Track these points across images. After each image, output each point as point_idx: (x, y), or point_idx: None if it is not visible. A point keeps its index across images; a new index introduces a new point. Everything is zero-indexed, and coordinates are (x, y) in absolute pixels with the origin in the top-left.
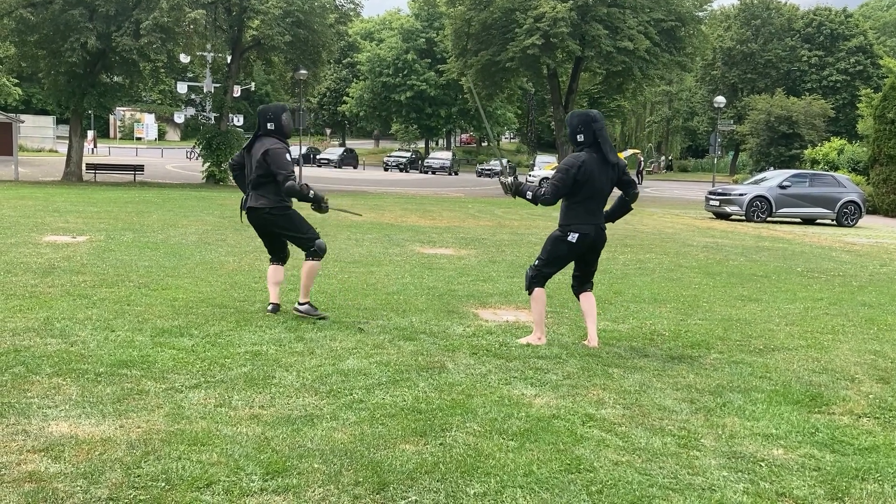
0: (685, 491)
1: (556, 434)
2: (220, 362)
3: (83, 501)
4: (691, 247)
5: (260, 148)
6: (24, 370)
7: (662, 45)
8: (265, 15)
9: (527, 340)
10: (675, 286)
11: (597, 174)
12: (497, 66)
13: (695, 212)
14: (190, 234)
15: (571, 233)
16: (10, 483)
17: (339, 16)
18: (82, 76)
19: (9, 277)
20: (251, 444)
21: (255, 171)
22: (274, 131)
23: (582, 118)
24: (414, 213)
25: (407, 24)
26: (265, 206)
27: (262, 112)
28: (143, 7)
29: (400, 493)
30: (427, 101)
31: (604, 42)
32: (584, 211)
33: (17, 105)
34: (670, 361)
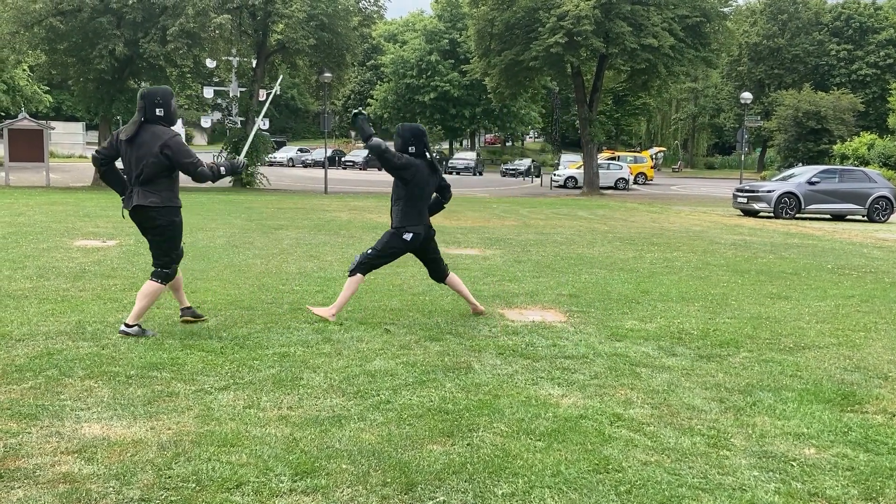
0: (715, 491)
1: (584, 434)
2: (249, 364)
3: (116, 502)
4: (719, 244)
5: (152, 139)
6: (58, 373)
7: (687, 41)
8: (289, 19)
9: (321, 313)
10: (703, 284)
11: (427, 180)
12: (521, 66)
13: (722, 209)
14: (218, 237)
15: (407, 232)
16: (45, 484)
17: (363, 18)
18: (111, 82)
19: (41, 282)
20: (280, 444)
21: (148, 167)
22: (163, 118)
23: (413, 131)
24: (438, 214)
25: (430, 25)
26: (158, 204)
27: (149, 95)
28: (169, 13)
29: (428, 493)
30: (451, 102)
31: (628, 39)
32: (417, 213)
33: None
34: (699, 360)
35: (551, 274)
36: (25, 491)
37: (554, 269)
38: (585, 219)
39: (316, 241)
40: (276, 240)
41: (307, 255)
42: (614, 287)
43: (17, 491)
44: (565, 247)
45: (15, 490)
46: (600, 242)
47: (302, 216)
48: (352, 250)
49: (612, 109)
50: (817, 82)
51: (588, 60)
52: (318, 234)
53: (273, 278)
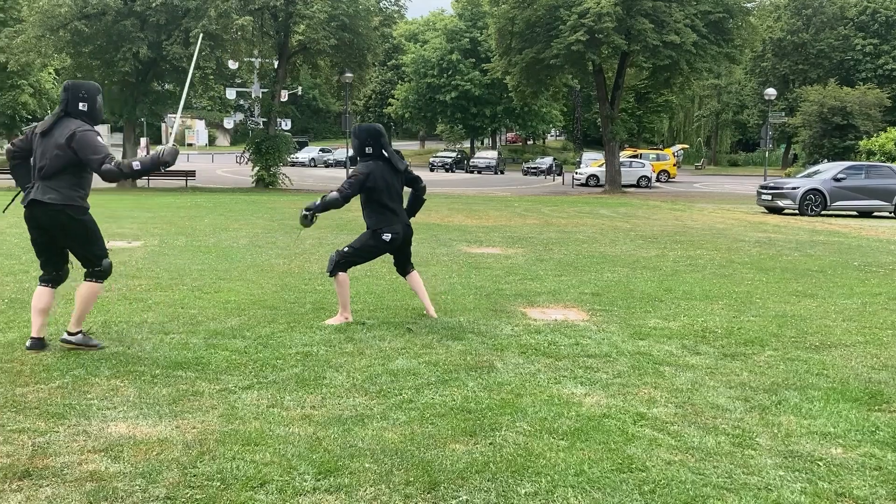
0: (740, 491)
1: (607, 433)
2: (272, 363)
3: (142, 500)
4: (743, 242)
5: (62, 131)
6: (84, 372)
7: (710, 37)
8: (310, 19)
9: (334, 321)
10: (727, 282)
11: (389, 180)
12: (542, 64)
13: (746, 206)
14: (241, 237)
15: (385, 233)
16: (73, 482)
17: (384, 18)
18: (135, 85)
19: (68, 283)
20: (303, 443)
21: (52, 160)
22: (85, 113)
23: (370, 132)
24: (460, 213)
25: (451, 24)
26: (57, 202)
27: (73, 88)
28: (192, 16)
29: (451, 492)
30: (472, 101)
31: (650, 36)
32: (392, 213)
33: None
34: (723, 359)
35: (573, 272)
36: (54, 489)
37: (576, 267)
38: (608, 217)
39: (338, 241)
40: (298, 240)
41: (329, 254)
42: (637, 285)
43: (46, 489)
44: (587, 245)
45: (43, 488)
46: (623, 241)
47: (324, 216)
48: None
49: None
50: (843, 77)
51: (609, 58)
52: (340, 234)
53: (295, 278)
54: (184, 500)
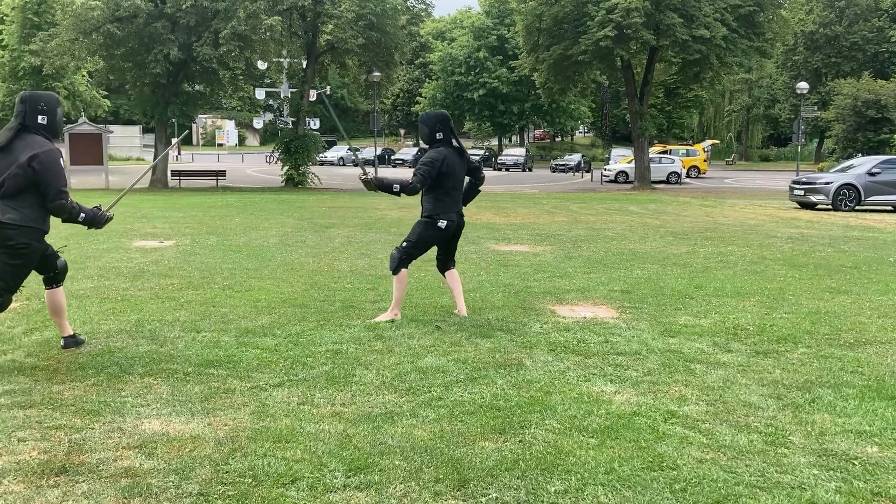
0: (773, 489)
1: (638, 431)
2: (303, 361)
3: (175, 496)
4: (775, 238)
5: (24, 149)
6: (118, 370)
7: (740, 31)
8: (338, 19)
9: (384, 318)
10: (758, 279)
11: (456, 167)
12: (569, 60)
13: (778, 202)
14: (271, 236)
15: (441, 220)
16: (108, 478)
17: (411, 17)
18: (166, 86)
19: (102, 282)
20: (334, 441)
21: (12, 179)
22: (45, 127)
23: (439, 118)
24: (488, 211)
25: (478, 21)
26: (13, 222)
27: (31, 100)
28: (221, 17)
29: (480, 490)
30: (499, 98)
31: (679, 31)
32: (451, 201)
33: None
34: (755, 356)
35: (603, 270)
36: (90, 485)
37: (605, 264)
38: (637, 214)
39: (367, 239)
40: (327, 238)
41: (358, 252)
42: (667, 282)
43: (82, 485)
44: (617, 242)
45: (80, 484)
46: (652, 237)
47: (352, 214)
48: None
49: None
50: (877, 70)
51: (638, 53)
52: (369, 233)
53: (325, 276)
54: (216, 497)
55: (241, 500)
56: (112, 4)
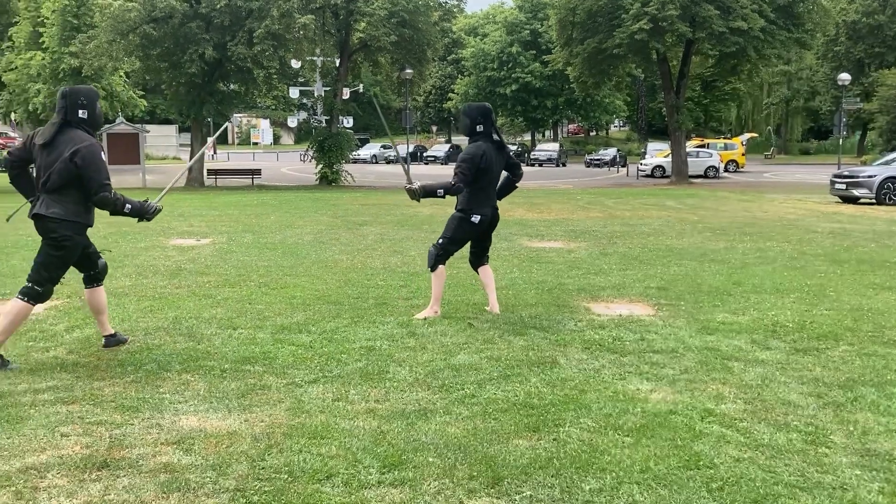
0: (813, 490)
1: (674, 430)
2: (337, 358)
3: (212, 492)
4: (816, 233)
5: (66, 143)
6: (156, 367)
7: (779, 22)
8: (371, 17)
9: (424, 315)
10: (798, 275)
11: (494, 162)
12: (604, 54)
13: (819, 196)
14: (305, 234)
15: (474, 215)
16: (147, 473)
17: (443, 13)
18: (201, 86)
19: (140, 280)
20: (368, 437)
21: (55, 173)
22: (85, 121)
23: (481, 110)
24: (521, 207)
25: (511, 16)
26: (56, 216)
27: (71, 94)
28: (255, 16)
29: (514, 487)
30: (533, 93)
31: (716, 23)
32: (485, 195)
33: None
34: (795, 354)
35: (639, 266)
36: (130, 479)
37: (641, 261)
38: (674, 209)
39: (399, 237)
40: (360, 236)
41: (391, 250)
42: (705, 279)
43: (123, 479)
44: (653, 238)
45: (120, 478)
46: (690, 233)
47: (385, 212)
48: None
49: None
50: None
51: (674, 46)
52: (402, 230)
53: (358, 273)
54: (253, 492)
55: (278, 496)
56: (148, 5)
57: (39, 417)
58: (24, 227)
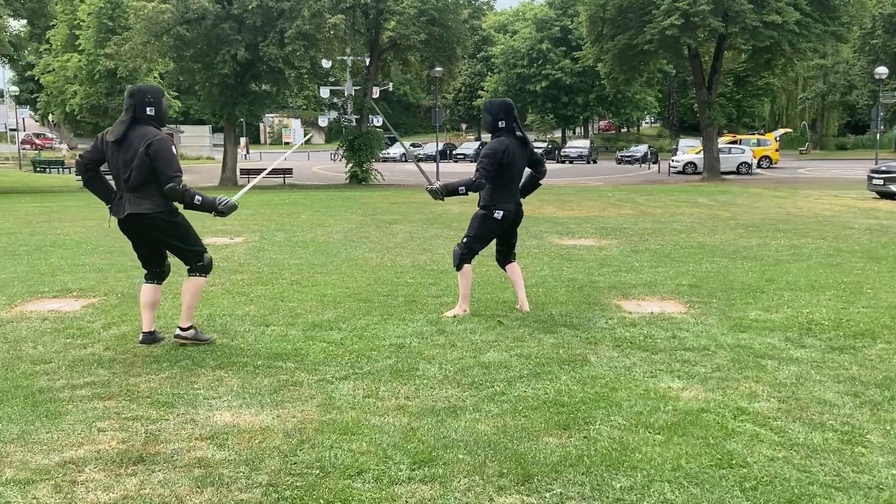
0: (849, 490)
1: (706, 428)
2: (367, 354)
3: (246, 487)
4: (852, 230)
5: (139, 139)
6: (191, 363)
7: (814, 15)
8: (401, 15)
9: (453, 313)
10: (834, 272)
11: (516, 156)
12: (635, 50)
13: (855, 192)
14: (336, 232)
15: (497, 211)
16: (182, 468)
17: (473, 11)
18: (233, 86)
19: (174, 277)
20: (398, 433)
21: (135, 169)
22: (153, 118)
23: (502, 106)
24: (551, 204)
25: (540, 13)
26: (150, 210)
27: (138, 93)
28: (286, 17)
29: (544, 485)
30: (563, 90)
31: (749, 17)
32: (507, 191)
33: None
34: (830, 352)
35: (670, 263)
36: (165, 474)
37: (673, 258)
38: (706, 205)
39: (428, 235)
40: (390, 234)
41: (420, 248)
42: (737, 276)
43: (158, 474)
44: (685, 235)
45: (156, 473)
46: (722, 230)
47: (414, 210)
48: None
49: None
50: None
51: (706, 41)
52: (431, 228)
53: (388, 271)
54: (285, 487)
55: (309, 491)
56: (181, 7)
57: (77, 413)
58: (61, 226)
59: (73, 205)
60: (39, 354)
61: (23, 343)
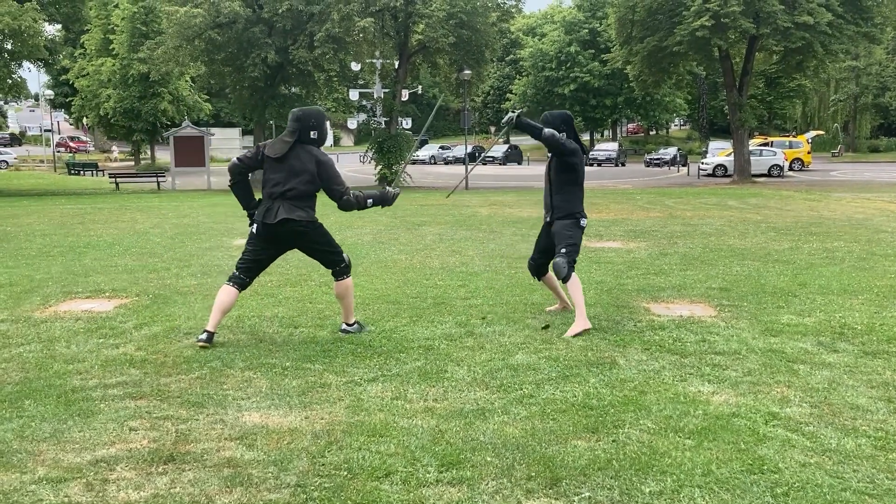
0: (884, 497)
1: (737, 433)
2: (396, 356)
3: (274, 487)
4: (886, 233)
5: (306, 158)
6: (220, 364)
7: (846, 16)
8: (430, 18)
9: (575, 331)
10: (867, 276)
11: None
12: (664, 52)
13: (889, 195)
14: (365, 234)
15: (583, 218)
16: (212, 468)
17: (501, 14)
18: (263, 89)
19: (205, 279)
20: (426, 436)
21: (300, 183)
22: (316, 140)
23: (562, 117)
24: None
25: (569, 16)
26: (304, 219)
27: (303, 117)
28: (315, 20)
29: (573, 488)
30: (591, 93)
31: (780, 18)
32: (581, 199)
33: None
34: (864, 357)
35: (700, 266)
36: (195, 473)
37: (702, 261)
38: (736, 208)
39: (457, 237)
40: (419, 236)
41: (449, 250)
42: (769, 280)
43: (188, 473)
44: (715, 238)
45: (186, 472)
46: (753, 233)
47: (443, 212)
48: (492, 245)
49: (764, 92)
50: None
51: (737, 43)
52: (460, 230)
53: (417, 273)
54: (313, 489)
55: (337, 493)
56: (213, 11)
57: (109, 412)
58: (94, 227)
59: (106, 207)
60: (72, 354)
61: (56, 343)
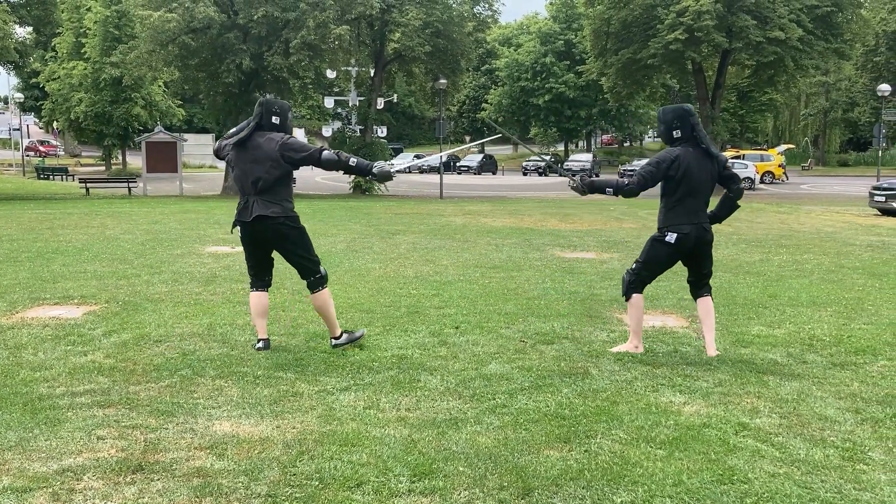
0: None
1: (707, 443)
2: (368, 365)
3: (245, 497)
4: (854, 246)
5: (268, 143)
6: (191, 372)
7: (817, 32)
8: (405, 27)
9: (623, 349)
10: (836, 288)
11: (695, 170)
12: (638, 64)
13: (857, 209)
14: (339, 242)
15: (669, 233)
16: (181, 477)
17: (478, 24)
18: (238, 95)
19: (176, 286)
20: (399, 445)
21: (265, 171)
22: (278, 127)
23: (677, 112)
24: (553, 217)
25: (545, 27)
26: (279, 214)
27: (265, 103)
28: (291, 27)
29: (545, 498)
30: (566, 104)
31: (752, 33)
32: (684, 210)
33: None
34: (832, 368)
35: (672, 278)
36: (164, 483)
37: (674, 272)
38: None
39: (432, 246)
40: (393, 244)
41: (423, 259)
42: (739, 291)
43: (157, 483)
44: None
45: (155, 482)
46: (724, 244)
47: (418, 221)
48: (467, 254)
49: (737, 106)
50: None
51: (710, 56)
52: (434, 239)
53: (391, 282)
54: (284, 498)
55: (309, 503)
56: (187, 17)
57: (76, 420)
58: (64, 233)
59: (75, 212)
60: (40, 361)
61: (23, 350)
